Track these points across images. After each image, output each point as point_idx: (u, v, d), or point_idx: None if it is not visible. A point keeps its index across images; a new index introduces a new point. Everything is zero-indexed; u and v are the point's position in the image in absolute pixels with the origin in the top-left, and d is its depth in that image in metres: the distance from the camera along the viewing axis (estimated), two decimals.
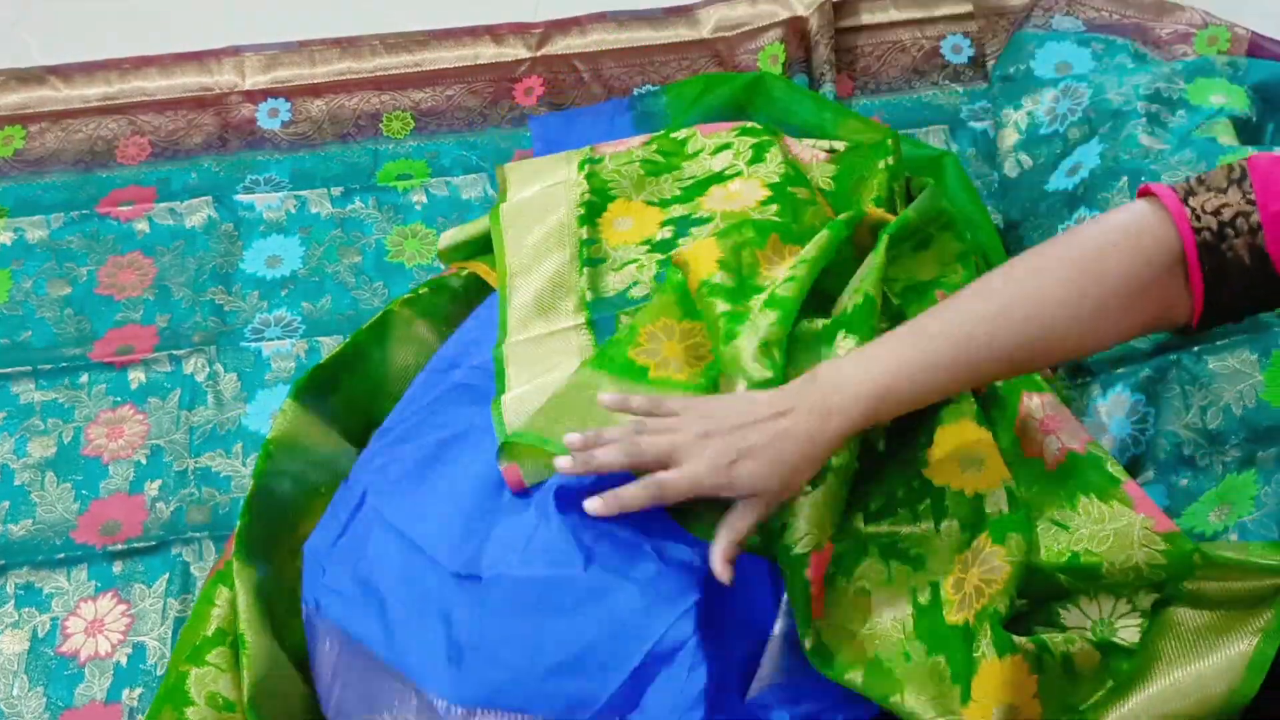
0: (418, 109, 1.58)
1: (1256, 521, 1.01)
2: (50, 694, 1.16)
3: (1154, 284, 0.87)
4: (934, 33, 1.61)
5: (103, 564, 1.23)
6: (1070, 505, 0.96)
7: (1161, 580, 0.93)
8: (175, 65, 1.59)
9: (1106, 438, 1.15)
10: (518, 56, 1.60)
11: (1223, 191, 0.87)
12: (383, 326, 1.26)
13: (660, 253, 1.17)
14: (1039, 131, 1.39)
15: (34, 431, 1.32)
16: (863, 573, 0.97)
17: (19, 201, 1.52)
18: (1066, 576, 0.94)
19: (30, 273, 1.45)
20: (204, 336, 1.39)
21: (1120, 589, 0.95)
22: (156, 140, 1.56)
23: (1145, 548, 0.92)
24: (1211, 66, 1.35)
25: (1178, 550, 0.92)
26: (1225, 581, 0.92)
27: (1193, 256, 0.86)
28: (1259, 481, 1.05)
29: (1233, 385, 1.11)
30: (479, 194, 1.51)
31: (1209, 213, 0.86)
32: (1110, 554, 0.93)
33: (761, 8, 1.62)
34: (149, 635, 1.19)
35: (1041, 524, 0.96)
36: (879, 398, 0.87)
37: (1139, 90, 1.33)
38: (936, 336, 0.89)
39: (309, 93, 1.58)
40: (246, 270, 1.45)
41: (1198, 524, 1.06)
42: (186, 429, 1.32)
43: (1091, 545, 0.94)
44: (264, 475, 1.12)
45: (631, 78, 1.60)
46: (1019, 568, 0.91)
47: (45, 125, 1.56)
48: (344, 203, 1.51)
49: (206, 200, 1.50)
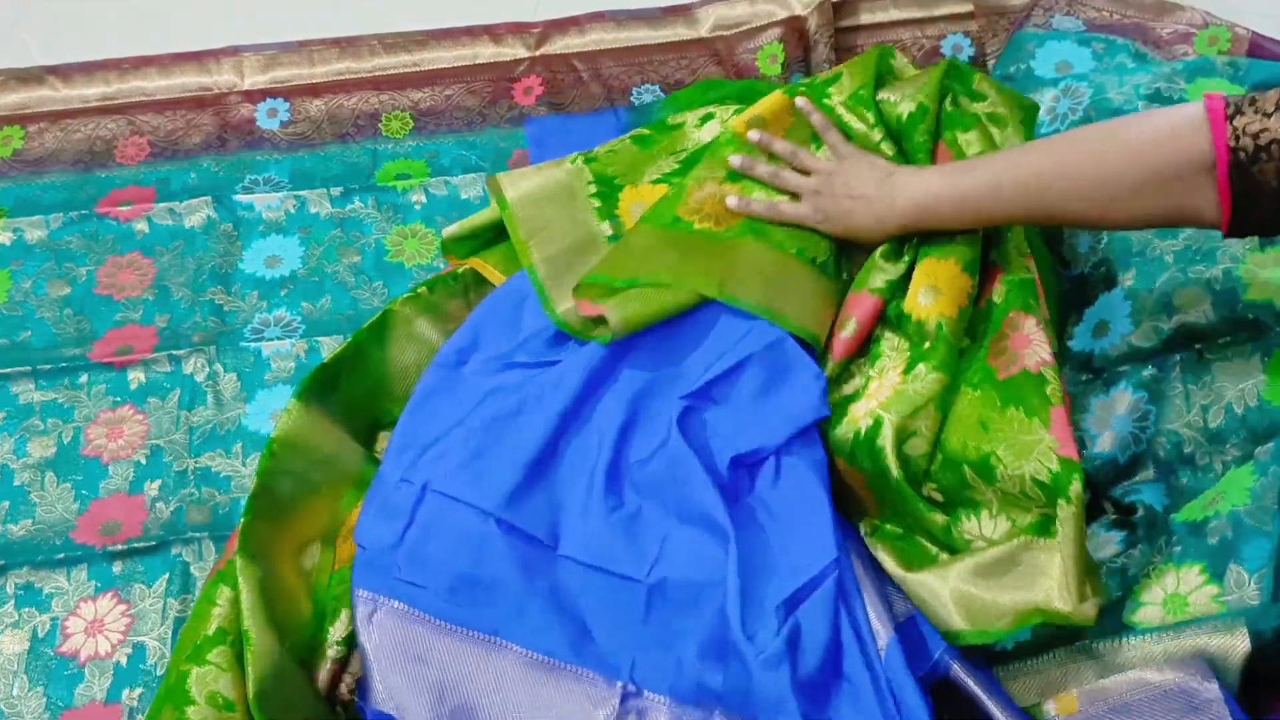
0: (417, 109, 1.58)
1: (1251, 513, 1.01)
2: (50, 694, 1.16)
3: (1180, 179, 0.96)
4: (934, 32, 1.61)
5: (103, 564, 1.23)
6: (1000, 413, 1.05)
7: (1042, 503, 1.00)
8: (174, 65, 1.59)
9: (1108, 434, 1.15)
10: (516, 56, 1.60)
11: (1268, 116, 0.91)
12: (383, 326, 1.26)
13: None
14: (1040, 131, 1.39)
15: (34, 431, 1.32)
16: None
17: (18, 202, 1.51)
18: (971, 471, 1.04)
19: (29, 273, 1.45)
20: (204, 336, 1.39)
21: (1012, 503, 1.03)
22: (156, 140, 1.56)
23: (1037, 461, 1.00)
24: (1212, 66, 1.35)
25: (1064, 474, 0.99)
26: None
27: (1223, 172, 0.93)
28: (1255, 473, 1.05)
29: (1235, 384, 1.11)
30: (478, 193, 1.51)
31: (1249, 135, 0.92)
32: (1008, 459, 1.02)
33: (760, 7, 1.61)
34: (149, 635, 1.19)
35: (970, 423, 1.06)
36: (921, 210, 1.13)
37: (1140, 90, 1.33)
38: (973, 183, 1.10)
39: (308, 93, 1.58)
40: (246, 270, 1.45)
41: (1192, 515, 1.07)
42: (186, 429, 1.32)
43: (999, 450, 1.03)
44: (267, 474, 1.12)
45: (630, 77, 1.59)
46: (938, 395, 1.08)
47: (44, 125, 1.56)
48: (343, 203, 1.51)
49: (206, 200, 1.50)
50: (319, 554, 1.14)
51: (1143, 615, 1.01)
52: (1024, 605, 0.99)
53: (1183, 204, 0.97)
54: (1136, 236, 1.20)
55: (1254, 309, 1.11)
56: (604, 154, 1.33)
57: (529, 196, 1.28)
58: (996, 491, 1.04)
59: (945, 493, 1.08)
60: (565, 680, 1.00)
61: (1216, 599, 0.98)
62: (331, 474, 1.17)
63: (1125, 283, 1.19)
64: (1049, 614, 0.98)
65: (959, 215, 1.12)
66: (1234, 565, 0.99)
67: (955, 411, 1.08)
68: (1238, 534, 1.00)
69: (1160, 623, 1.00)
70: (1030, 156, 1.08)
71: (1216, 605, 0.98)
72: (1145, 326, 1.16)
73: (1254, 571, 0.98)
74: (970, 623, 1.01)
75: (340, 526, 1.16)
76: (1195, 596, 0.99)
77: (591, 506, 1.08)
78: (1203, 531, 1.03)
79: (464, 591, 1.04)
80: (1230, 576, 0.99)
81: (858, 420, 1.09)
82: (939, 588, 1.03)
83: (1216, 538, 1.01)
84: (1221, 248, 1.15)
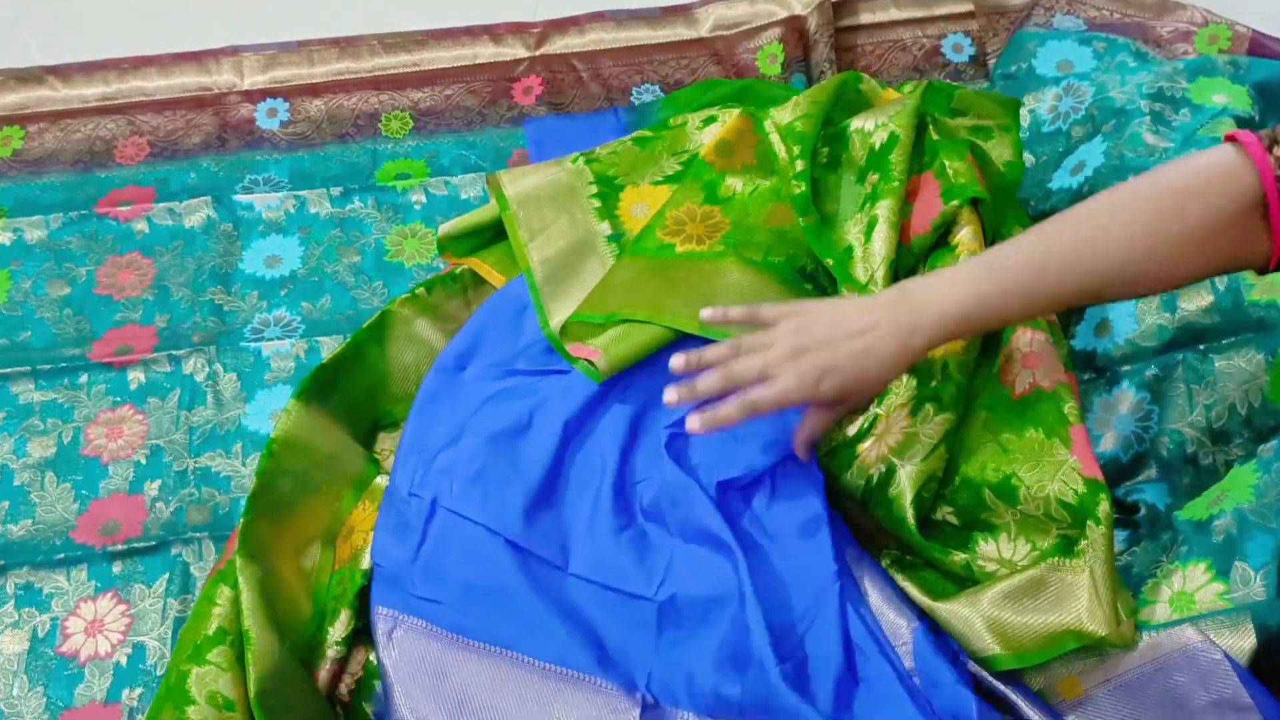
0: (416, 109, 1.58)
1: (1255, 510, 1.01)
2: (50, 694, 1.16)
3: (1231, 227, 0.91)
4: (935, 31, 1.61)
5: (102, 564, 1.23)
6: (1018, 434, 1.03)
7: (1067, 524, 0.99)
8: (174, 65, 1.59)
9: (1110, 433, 1.15)
10: (516, 56, 1.60)
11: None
12: (382, 326, 1.26)
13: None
14: (1041, 130, 1.39)
15: (33, 432, 1.32)
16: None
17: (18, 202, 1.51)
18: (991, 494, 1.02)
19: (29, 273, 1.45)
20: (203, 336, 1.39)
21: (1033, 526, 1.01)
22: (155, 140, 1.56)
23: (1061, 482, 0.99)
24: (1213, 65, 1.35)
25: (1090, 495, 0.97)
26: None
27: (1274, 200, 0.89)
28: (1258, 470, 1.05)
29: (1238, 384, 1.11)
30: (478, 193, 1.51)
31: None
32: (1031, 480, 1.00)
33: (760, 7, 1.61)
34: (149, 635, 1.19)
35: (988, 444, 1.05)
36: (959, 319, 0.95)
37: (1142, 89, 1.32)
38: (1012, 267, 0.95)
39: (307, 92, 1.58)
40: (246, 270, 1.45)
41: (1195, 513, 1.06)
42: (186, 429, 1.32)
43: (1021, 472, 1.01)
44: (267, 474, 1.12)
45: (630, 77, 1.59)
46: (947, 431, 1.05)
47: (44, 125, 1.56)
48: (343, 202, 1.51)
49: (205, 200, 1.50)
50: (319, 554, 1.14)
51: (1149, 613, 1.00)
52: (1056, 628, 0.97)
53: (1236, 251, 0.93)
54: None
55: (1258, 308, 1.11)
56: (605, 155, 1.33)
57: (529, 195, 1.27)
58: (1016, 514, 1.02)
59: (961, 514, 1.06)
60: (584, 691, 0.99)
61: (1222, 596, 0.98)
62: (331, 474, 1.17)
63: None
64: (1084, 636, 0.96)
65: (1002, 311, 0.97)
66: (1239, 562, 0.99)
67: (970, 433, 1.07)
68: (1242, 531, 1.00)
69: (1167, 619, 0.99)
70: (1070, 233, 0.95)
71: (1223, 602, 0.98)
72: (1148, 325, 1.16)
73: (1259, 568, 0.98)
74: (1006, 648, 0.99)
75: (340, 526, 1.16)
76: (1202, 594, 0.99)
77: (598, 526, 1.07)
78: (1208, 529, 1.03)
79: (480, 604, 1.04)
80: (1236, 573, 0.98)
81: (869, 466, 1.07)
82: (971, 615, 1.00)
83: (1221, 535, 1.01)
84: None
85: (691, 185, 1.26)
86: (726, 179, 1.26)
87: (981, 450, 1.05)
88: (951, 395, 1.07)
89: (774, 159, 1.25)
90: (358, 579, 1.08)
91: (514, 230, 1.25)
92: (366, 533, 1.11)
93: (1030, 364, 1.07)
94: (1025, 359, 1.08)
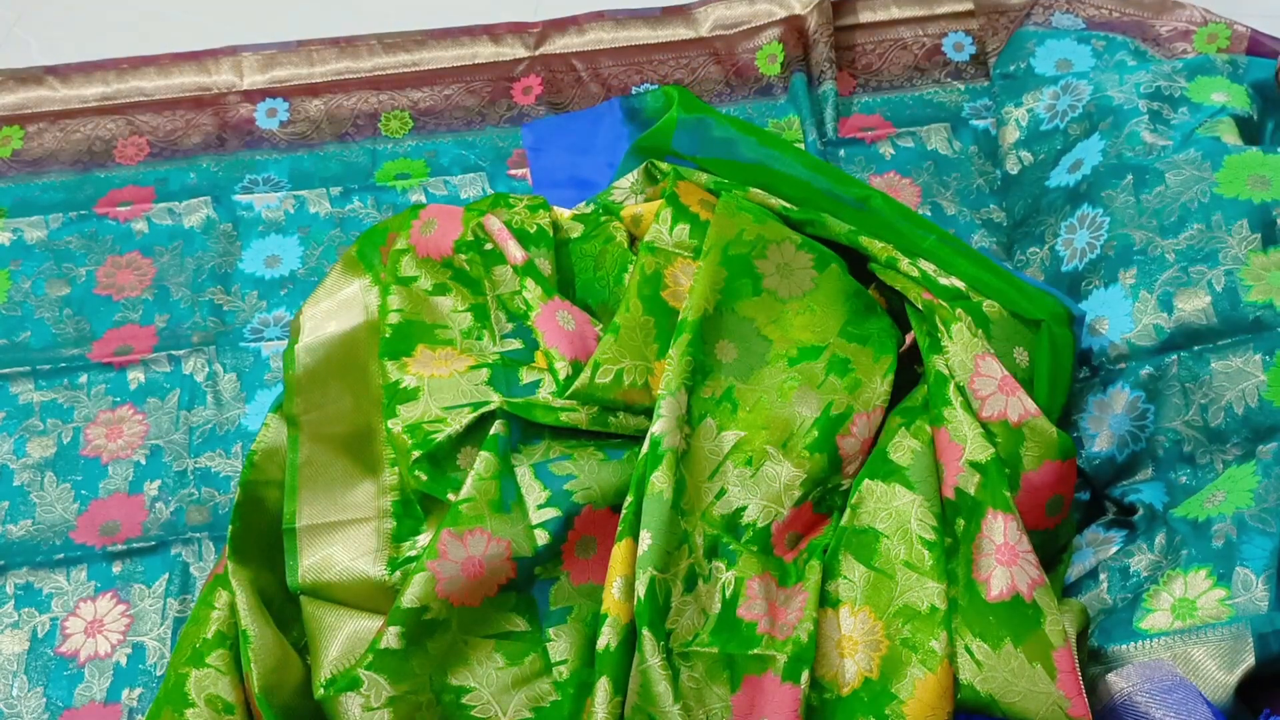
0: (416, 108, 1.58)
1: (1255, 515, 1.01)
2: (50, 694, 1.16)
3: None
4: (935, 30, 1.61)
5: (102, 564, 1.23)
6: (995, 645, 0.98)
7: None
8: (173, 65, 1.59)
9: (1105, 433, 1.15)
10: (516, 56, 1.60)
11: None
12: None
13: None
14: (1040, 128, 1.39)
15: (33, 432, 1.32)
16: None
17: (17, 202, 1.51)
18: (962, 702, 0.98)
19: (29, 273, 1.45)
20: (203, 337, 1.39)
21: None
22: (155, 140, 1.56)
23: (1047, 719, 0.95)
24: (1212, 64, 1.35)
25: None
26: None
27: None
28: (1258, 474, 1.05)
29: (1235, 384, 1.11)
30: (477, 193, 1.51)
31: None
32: (1009, 705, 0.96)
33: (759, 6, 1.62)
34: (148, 635, 1.19)
35: (959, 644, 0.99)
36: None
37: (1140, 88, 1.32)
38: None
39: (307, 92, 1.58)
40: (245, 270, 1.45)
41: (1192, 512, 1.06)
42: (186, 429, 1.32)
43: (996, 692, 0.97)
44: (250, 485, 1.13)
45: (629, 76, 1.59)
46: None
47: (43, 125, 1.56)
48: (342, 202, 1.51)
49: (205, 200, 1.50)
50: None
51: (1151, 622, 1.00)
52: None
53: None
54: (1139, 234, 1.20)
55: (1255, 309, 1.11)
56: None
57: (319, 351, 1.19)
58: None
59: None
60: None
61: (1224, 602, 0.98)
62: None
63: (1126, 281, 1.19)
64: None
65: None
66: (1240, 567, 0.99)
67: (933, 633, 1.00)
68: (1242, 536, 1.00)
69: (1169, 627, 0.99)
70: None
71: (1225, 609, 0.97)
72: (1144, 326, 1.16)
73: (1260, 573, 0.98)
74: None
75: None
76: (1204, 600, 0.99)
77: None
78: (1207, 534, 1.03)
79: None
80: (1237, 579, 0.98)
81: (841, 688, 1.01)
82: None
83: (1222, 540, 1.01)
84: (1224, 248, 1.15)
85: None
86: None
87: (956, 659, 0.99)
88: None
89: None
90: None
91: (289, 400, 1.16)
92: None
93: (1005, 559, 1.00)
94: (999, 552, 1.01)
